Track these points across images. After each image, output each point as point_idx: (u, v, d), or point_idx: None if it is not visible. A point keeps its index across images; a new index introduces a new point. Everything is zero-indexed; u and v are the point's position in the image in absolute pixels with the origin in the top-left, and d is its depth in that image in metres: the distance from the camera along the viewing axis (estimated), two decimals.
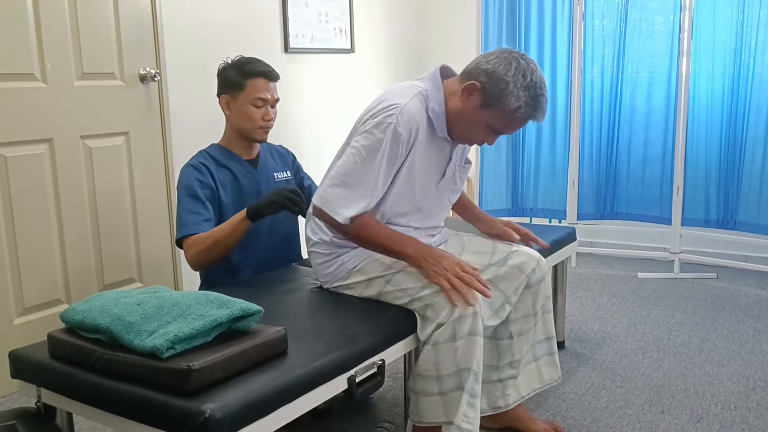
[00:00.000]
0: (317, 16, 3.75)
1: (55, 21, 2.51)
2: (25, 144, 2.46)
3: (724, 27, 3.64)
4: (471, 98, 1.88)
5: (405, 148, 1.88)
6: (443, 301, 1.77)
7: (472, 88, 1.86)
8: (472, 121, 1.90)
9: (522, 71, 1.83)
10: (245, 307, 1.51)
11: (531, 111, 1.86)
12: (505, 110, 1.84)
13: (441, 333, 1.76)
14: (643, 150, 3.97)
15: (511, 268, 2.03)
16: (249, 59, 2.29)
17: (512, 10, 4.11)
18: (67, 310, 1.58)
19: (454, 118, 1.92)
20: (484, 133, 1.93)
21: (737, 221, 3.75)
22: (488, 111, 1.86)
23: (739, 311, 3.28)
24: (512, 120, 1.88)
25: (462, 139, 1.98)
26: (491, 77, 1.84)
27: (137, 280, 2.87)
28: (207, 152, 2.28)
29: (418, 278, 1.84)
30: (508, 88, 1.82)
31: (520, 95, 1.82)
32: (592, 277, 3.89)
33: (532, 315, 2.08)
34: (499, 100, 1.84)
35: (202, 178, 2.18)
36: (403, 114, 1.85)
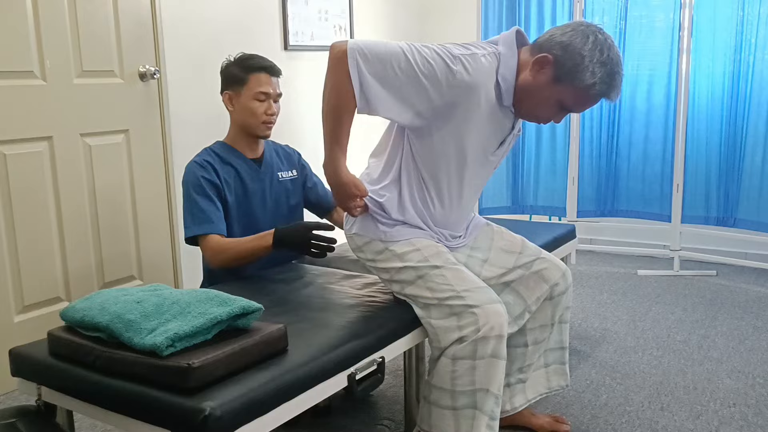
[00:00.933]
0: (317, 13, 3.75)
1: (54, 19, 2.51)
2: (24, 142, 2.46)
3: (725, 24, 3.64)
4: (542, 72, 1.75)
5: (450, 94, 1.72)
6: (471, 316, 1.71)
7: (545, 61, 1.74)
8: (541, 96, 1.78)
9: (599, 46, 1.72)
10: (245, 305, 1.51)
11: (606, 88, 1.74)
12: (579, 86, 1.73)
13: (462, 348, 1.71)
14: (643, 147, 3.97)
15: (535, 275, 1.99)
16: (250, 55, 2.29)
17: (512, 7, 4.11)
18: (67, 308, 1.58)
19: (522, 90, 1.79)
20: (553, 110, 1.81)
21: (737, 218, 3.76)
22: (560, 86, 1.75)
23: (738, 308, 3.28)
24: (585, 97, 1.76)
25: (528, 115, 1.86)
26: (566, 50, 1.72)
27: (137, 277, 2.87)
28: (212, 150, 2.27)
29: (452, 282, 1.77)
30: (584, 62, 1.71)
31: (596, 71, 1.71)
32: (593, 274, 3.90)
33: (549, 325, 2.07)
34: (573, 76, 1.72)
35: (208, 175, 2.18)
36: (475, 61, 1.72)
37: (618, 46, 3.97)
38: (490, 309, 1.72)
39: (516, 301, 1.99)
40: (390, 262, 1.86)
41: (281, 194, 2.36)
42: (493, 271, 2.01)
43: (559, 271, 2.03)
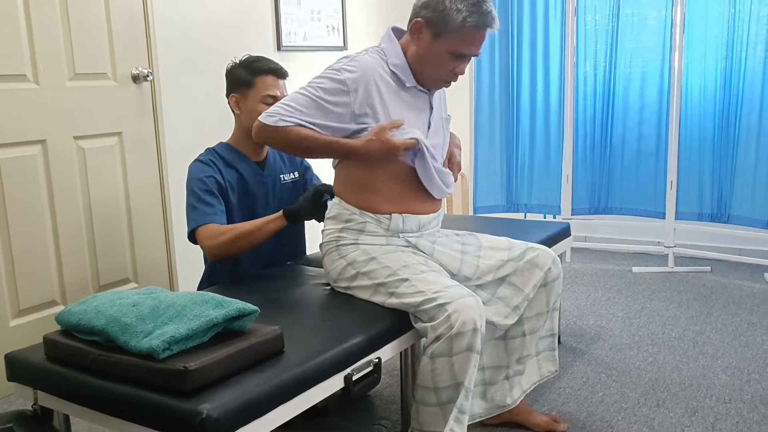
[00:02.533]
0: (310, 13, 3.75)
1: (46, 22, 2.50)
2: (17, 146, 2.45)
3: (716, 21, 3.65)
4: (422, 36, 1.91)
5: (353, 97, 1.87)
6: (444, 313, 1.74)
7: (418, 25, 1.91)
8: (432, 56, 1.92)
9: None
10: (241, 307, 1.51)
11: (478, 17, 1.87)
12: (455, 28, 1.86)
13: (439, 346, 1.74)
14: (636, 145, 3.98)
15: (528, 263, 2.04)
16: (257, 57, 2.27)
17: (504, 6, 4.12)
18: (62, 312, 1.58)
19: (416, 63, 1.94)
20: (450, 62, 1.93)
21: (731, 215, 3.77)
22: (442, 39, 1.89)
23: (732, 304, 3.29)
24: (467, 35, 1.88)
25: (433, 81, 1.98)
26: (428, 7, 1.88)
27: (133, 280, 2.87)
28: (215, 150, 2.26)
29: (421, 288, 1.80)
30: (446, 5, 1.85)
31: (460, 7, 1.85)
32: (587, 272, 3.91)
33: (544, 312, 2.09)
34: (445, 22, 1.86)
35: (213, 174, 2.16)
36: (354, 61, 1.90)
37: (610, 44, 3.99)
38: (461, 304, 1.74)
39: (513, 293, 2.02)
40: (363, 283, 1.92)
41: (284, 196, 2.36)
42: (488, 265, 2.04)
43: (550, 256, 2.07)
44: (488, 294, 2.02)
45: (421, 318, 1.81)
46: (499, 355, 2.09)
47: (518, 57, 4.16)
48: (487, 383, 2.10)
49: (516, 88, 4.19)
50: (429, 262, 1.98)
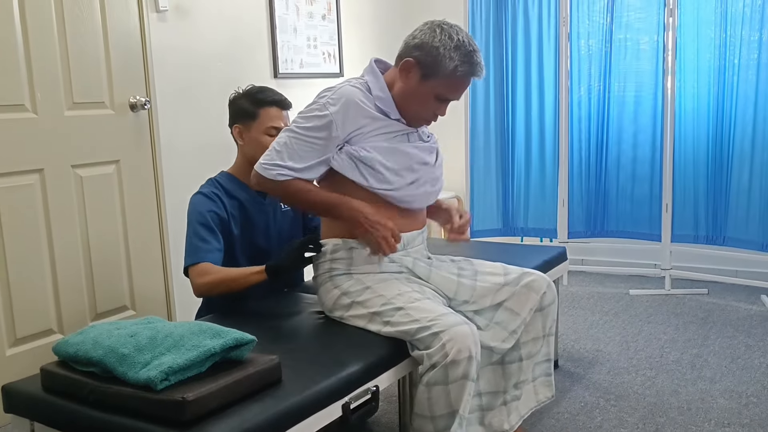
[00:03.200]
0: (306, 41, 3.79)
1: (45, 51, 2.52)
2: (15, 175, 2.46)
3: (708, 46, 3.70)
4: (410, 75, 1.95)
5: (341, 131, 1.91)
6: (439, 341, 1.74)
7: (408, 65, 1.94)
8: (418, 96, 1.97)
9: (447, 34, 1.92)
10: (239, 337, 1.52)
11: (468, 68, 1.93)
12: (445, 74, 1.92)
13: (434, 374, 1.74)
14: (631, 168, 4.01)
15: (524, 288, 2.05)
16: (261, 88, 2.29)
17: (498, 32, 4.16)
18: (59, 342, 1.58)
19: (401, 99, 1.98)
20: (433, 105, 1.98)
21: (726, 237, 3.79)
22: (430, 81, 1.94)
23: (730, 326, 3.30)
24: (454, 82, 1.94)
25: (415, 119, 2.02)
26: (422, 49, 1.92)
27: (130, 308, 2.86)
28: (217, 181, 2.27)
29: (416, 317, 1.81)
30: (440, 52, 1.90)
31: (453, 56, 1.90)
32: (584, 295, 3.91)
33: (540, 337, 2.10)
34: (436, 67, 1.91)
35: (216, 208, 2.17)
36: (336, 92, 1.93)
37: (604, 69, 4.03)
38: (456, 332, 1.75)
39: (510, 318, 2.02)
40: (358, 312, 1.93)
41: (284, 225, 2.36)
42: (485, 288, 2.05)
43: (545, 281, 2.09)
44: (486, 320, 2.03)
45: (417, 346, 1.81)
46: (497, 380, 2.09)
47: (513, 82, 4.20)
48: (484, 409, 2.10)
49: (511, 113, 4.23)
50: (424, 289, 1.99)
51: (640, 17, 3.86)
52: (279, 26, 3.59)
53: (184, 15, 3.09)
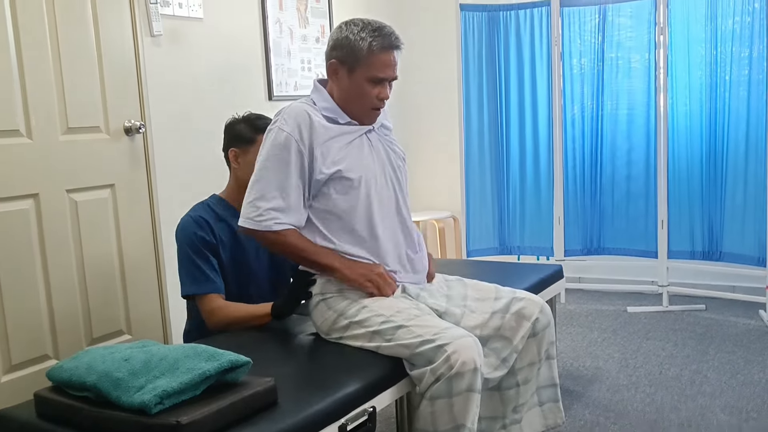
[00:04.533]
0: (300, 63, 3.81)
1: (39, 77, 2.53)
2: (10, 200, 2.46)
3: (699, 63, 3.73)
4: (339, 74, 2.03)
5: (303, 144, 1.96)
6: (443, 354, 1.74)
7: (333, 66, 2.04)
8: (354, 88, 2.02)
9: (352, 23, 2.02)
10: (233, 359, 1.51)
11: (382, 40, 1.99)
12: (365, 57, 1.98)
13: (438, 387, 1.73)
14: (626, 185, 4.02)
15: (515, 315, 2.03)
16: (259, 115, 2.35)
17: (491, 52, 4.19)
18: (53, 368, 1.57)
19: (343, 100, 2.04)
20: (371, 90, 2.02)
21: (722, 252, 3.79)
22: (357, 71, 2.00)
23: (729, 342, 3.29)
24: (377, 60, 1.99)
25: (363, 111, 2.05)
26: (336, 48, 2.02)
27: (126, 332, 2.85)
28: (208, 204, 2.29)
29: (419, 332, 1.81)
30: (351, 39, 1.99)
31: (364, 36, 1.98)
32: (582, 312, 3.90)
33: (537, 362, 2.08)
34: (354, 54, 1.99)
35: (204, 233, 2.20)
36: (283, 114, 2.00)
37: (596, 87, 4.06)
38: (460, 344, 1.75)
39: (503, 345, 2.01)
40: (356, 332, 1.92)
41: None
42: (474, 319, 2.03)
43: (537, 306, 2.06)
44: None
45: (416, 363, 1.80)
46: (495, 405, 2.07)
47: (506, 100, 4.22)
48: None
49: (505, 132, 4.25)
50: (419, 305, 1.99)
51: (630, 36, 3.90)
52: (273, 49, 3.62)
53: (178, 39, 3.11)
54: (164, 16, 3.01)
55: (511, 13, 4.13)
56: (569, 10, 4.02)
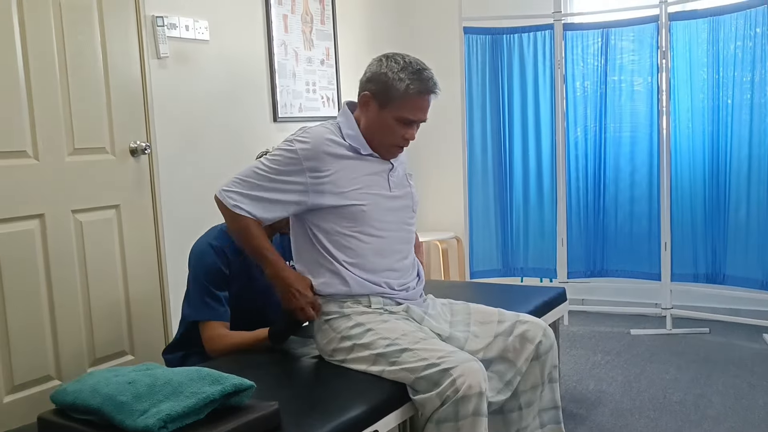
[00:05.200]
0: (305, 85, 3.84)
1: (47, 98, 2.56)
2: (16, 221, 2.47)
3: (701, 87, 3.75)
4: (369, 108, 2.01)
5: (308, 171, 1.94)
6: (449, 377, 1.74)
7: (365, 98, 2.01)
8: (381, 125, 2.00)
9: (393, 60, 1.99)
10: (238, 383, 1.51)
11: (419, 84, 1.97)
12: (399, 97, 1.96)
13: (444, 410, 1.73)
14: (629, 207, 4.03)
15: (518, 338, 2.03)
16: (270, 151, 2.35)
17: (494, 74, 4.22)
18: (57, 390, 1.57)
19: (368, 132, 2.02)
20: (399, 129, 2.00)
21: (726, 275, 3.78)
22: (388, 108, 1.98)
23: (732, 366, 3.27)
24: (410, 102, 1.97)
25: (385, 148, 2.04)
26: (372, 80, 2.00)
27: (129, 353, 2.85)
28: (225, 232, 2.26)
29: (424, 356, 1.81)
30: (389, 77, 1.96)
31: (402, 77, 1.95)
32: (585, 335, 3.89)
33: (539, 385, 2.07)
34: (389, 92, 1.96)
35: (222, 265, 2.21)
36: (305, 133, 1.99)
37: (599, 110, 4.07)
38: (466, 367, 1.75)
39: (506, 368, 2.01)
40: (361, 354, 1.92)
41: None
42: (477, 343, 2.04)
43: (540, 329, 2.06)
44: None
45: (420, 387, 1.79)
46: (497, 428, 2.06)
47: (509, 123, 4.24)
48: None
49: (508, 153, 4.26)
50: (424, 328, 1.99)
51: (633, 59, 3.93)
52: (278, 71, 3.65)
53: (184, 61, 3.14)
54: (171, 38, 3.04)
55: (514, 36, 4.17)
56: (572, 33, 4.05)
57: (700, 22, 3.71)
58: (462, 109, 4.20)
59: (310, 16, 3.88)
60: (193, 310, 2.21)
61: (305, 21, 3.85)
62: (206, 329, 2.19)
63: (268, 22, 3.60)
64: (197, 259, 2.24)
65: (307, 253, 2.04)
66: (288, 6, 3.72)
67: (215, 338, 2.17)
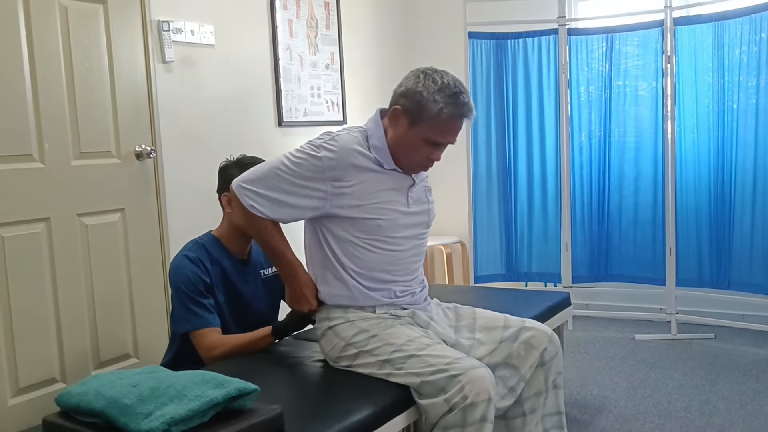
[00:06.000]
0: (310, 90, 3.85)
1: (53, 102, 2.57)
2: (22, 224, 2.49)
3: (706, 91, 3.74)
4: (399, 123, 1.95)
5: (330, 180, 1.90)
6: (457, 384, 1.74)
7: (397, 113, 1.95)
8: (408, 142, 1.95)
9: (431, 78, 1.92)
10: (241, 387, 1.51)
11: (454, 109, 1.91)
12: (431, 118, 1.91)
13: (452, 417, 1.72)
14: (633, 212, 4.02)
15: (523, 344, 2.02)
16: (252, 159, 2.30)
17: (499, 79, 4.22)
18: (62, 393, 1.58)
19: (394, 147, 1.97)
20: (425, 150, 1.96)
21: (731, 280, 3.77)
22: (418, 127, 1.93)
23: (738, 372, 3.26)
24: (442, 125, 1.93)
25: (409, 166, 2.00)
26: (406, 96, 1.93)
27: (133, 356, 2.86)
28: (201, 244, 2.26)
29: (431, 362, 1.81)
30: (424, 97, 1.90)
31: (438, 99, 1.89)
32: (590, 340, 3.88)
33: (543, 392, 2.07)
34: (422, 112, 1.91)
35: (201, 274, 2.18)
36: (333, 139, 1.94)
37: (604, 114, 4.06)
38: (474, 374, 1.75)
39: (511, 374, 2.01)
40: (366, 360, 1.91)
41: (270, 290, 2.38)
42: (483, 349, 2.03)
43: (546, 336, 2.06)
44: None
45: (425, 392, 1.78)
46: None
47: (514, 128, 4.24)
48: None
49: (512, 158, 4.26)
50: (429, 333, 1.99)
51: (638, 64, 3.92)
52: (283, 76, 3.66)
53: (189, 66, 3.15)
54: (176, 42, 3.05)
55: (519, 41, 4.17)
56: (576, 38, 4.05)
57: (705, 26, 3.71)
58: None
59: (315, 20, 3.89)
60: (181, 321, 2.16)
61: (310, 26, 3.86)
62: (200, 338, 2.13)
63: (274, 26, 3.61)
64: (175, 272, 2.19)
65: (317, 257, 2.03)
66: (293, 11, 3.74)
67: (212, 346, 2.12)
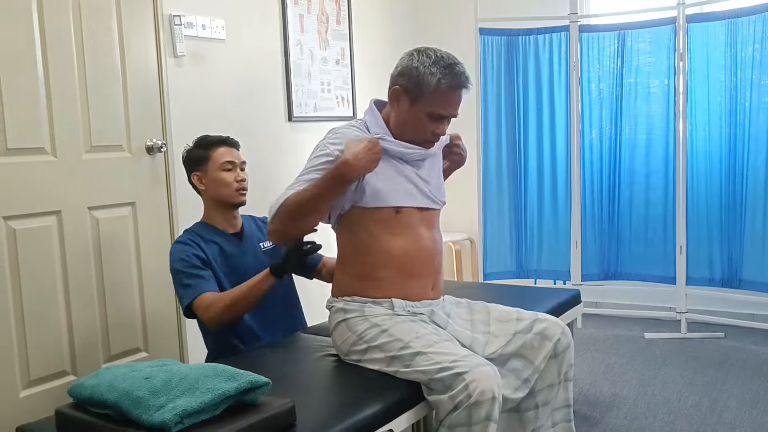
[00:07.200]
0: (320, 85, 3.85)
1: (65, 96, 2.58)
2: (33, 216, 2.49)
3: (718, 89, 3.72)
4: (400, 102, 1.99)
5: None
6: (462, 382, 1.74)
7: (396, 93, 2.00)
8: (412, 120, 1.99)
9: (424, 54, 1.97)
10: (253, 380, 1.51)
11: (451, 79, 1.94)
12: (430, 92, 1.94)
13: (457, 415, 1.73)
14: (644, 210, 4.00)
15: (537, 335, 2.03)
16: (205, 135, 2.44)
17: (510, 76, 4.21)
18: (75, 385, 1.59)
19: (398, 128, 2.02)
20: (429, 124, 1.99)
21: (742, 279, 3.75)
22: (419, 103, 1.96)
23: (748, 370, 3.25)
24: (442, 97, 1.96)
25: (416, 141, 2.03)
26: (404, 75, 1.98)
27: (143, 349, 2.86)
28: (192, 230, 2.35)
29: (437, 359, 1.81)
30: (420, 71, 1.94)
31: (434, 71, 1.93)
32: (599, 337, 3.87)
33: (556, 384, 2.07)
34: (420, 87, 1.94)
35: (195, 251, 2.24)
36: (334, 134, 2.00)
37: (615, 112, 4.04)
38: (479, 372, 1.75)
39: (524, 365, 2.01)
40: (375, 356, 1.92)
41: (267, 264, 2.38)
42: (497, 342, 2.04)
43: (559, 327, 2.07)
44: (498, 366, 2.00)
45: (434, 388, 1.79)
46: (513, 427, 2.06)
47: (524, 125, 4.23)
48: None
49: (523, 155, 4.25)
50: (440, 331, 1.99)
51: (650, 62, 3.90)
52: (294, 71, 3.66)
53: (200, 60, 3.15)
54: (188, 37, 3.06)
55: (530, 37, 4.15)
56: (588, 35, 4.03)
57: (718, 24, 3.69)
58: (477, 111, 4.19)
59: (325, 16, 3.89)
60: (181, 300, 2.20)
61: (321, 21, 3.85)
62: (198, 305, 2.15)
63: (284, 21, 3.61)
64: (171, 259, 2.26)
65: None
66: (304, 6, 3.73)
67: (209, 305, 2.13)
